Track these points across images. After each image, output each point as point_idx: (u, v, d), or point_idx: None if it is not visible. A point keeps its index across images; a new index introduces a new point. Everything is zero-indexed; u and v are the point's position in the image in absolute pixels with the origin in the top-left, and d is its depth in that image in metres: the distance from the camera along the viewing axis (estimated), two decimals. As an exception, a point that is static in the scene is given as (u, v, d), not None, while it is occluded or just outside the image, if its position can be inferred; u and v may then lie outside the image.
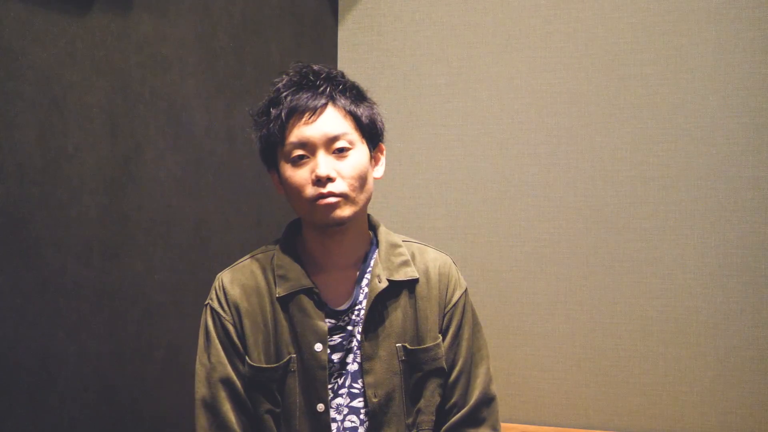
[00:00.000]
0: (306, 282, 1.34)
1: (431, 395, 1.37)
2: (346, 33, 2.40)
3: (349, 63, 2.38)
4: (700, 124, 2.04)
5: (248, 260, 1.40)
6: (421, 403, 1.36)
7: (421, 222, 2.30)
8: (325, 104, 1.31)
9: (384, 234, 1.43)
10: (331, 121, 1.31)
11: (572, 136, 2.16)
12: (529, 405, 2.17)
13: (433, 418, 1.37)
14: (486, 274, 2.22)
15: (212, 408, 1.32)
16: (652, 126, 2.08)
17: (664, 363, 2.06)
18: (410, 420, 1.35)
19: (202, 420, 1.32)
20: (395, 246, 1.41)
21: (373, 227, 1.44)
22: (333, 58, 2.39)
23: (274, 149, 1.35)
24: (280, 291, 1.34)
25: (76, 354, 1.42)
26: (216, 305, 1.35)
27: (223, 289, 1.36)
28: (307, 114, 1.30)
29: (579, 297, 2.14)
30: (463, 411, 1.38)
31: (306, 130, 1.29)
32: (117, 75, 1.52)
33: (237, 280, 1.36)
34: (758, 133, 2.00)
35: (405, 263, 1.39)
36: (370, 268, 1.38)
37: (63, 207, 1.39)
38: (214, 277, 1.41)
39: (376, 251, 1.40)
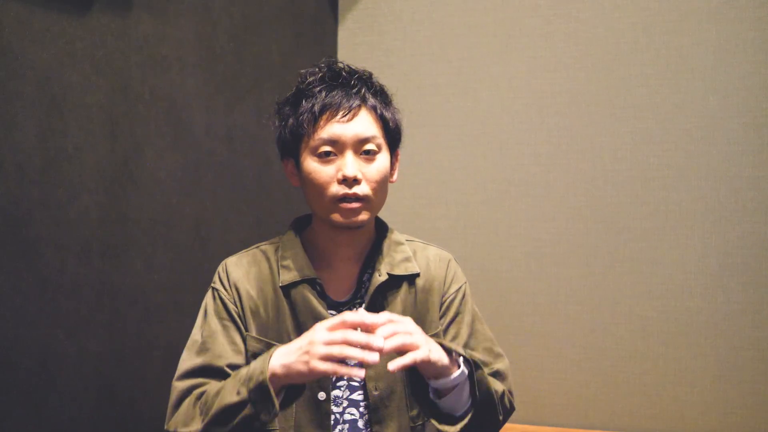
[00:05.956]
0: (309, 272, 1.35)
1: None
2: (346, 33, 2.40)
3: (348, 63, 2.38)
4: (700, 124, 2.04)
5: (254, 250, 1.42)
6: None
7: (421, 222, 2.30)
8: (360, 105, 1.33)
9: (388, 231, 1.44)
10: (363, 122, 1.32)
11: (572, 136, 2.16)
12: (529, 405, 2.17)
13: None
14: (486, 274, 2.22)
15: (195, 374, 1.30)
16: (652, 126, 2.08)
17: (664, 363, 2.06)
18: (415, 411, 1.36)
19: (178, 389, 1.30)
20: (398, 243, 1.43)
21: (378, 225, 1.46)
22: (333, 58, 2.38)
23: (298, 140, 1.34)
24: (283, 279, 1.35)
25: (76, 354, 1.42)
26: (218, 286, 1.37)
27: (226, 270, 1.38)
28: (341, 112, 1.30)
29: (579, 297, 2.14)
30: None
31: (338, 128, 1.30)
32: (117, 75, 1.52)
33: (241, 264, 1.38)
34: (758, 133, 2.00)
35: (406, 259, 1.41)
36: (372, 264, 1.40)
37: (63, 207, 1.39)
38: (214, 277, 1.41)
39: (380, 248, 1.41)
